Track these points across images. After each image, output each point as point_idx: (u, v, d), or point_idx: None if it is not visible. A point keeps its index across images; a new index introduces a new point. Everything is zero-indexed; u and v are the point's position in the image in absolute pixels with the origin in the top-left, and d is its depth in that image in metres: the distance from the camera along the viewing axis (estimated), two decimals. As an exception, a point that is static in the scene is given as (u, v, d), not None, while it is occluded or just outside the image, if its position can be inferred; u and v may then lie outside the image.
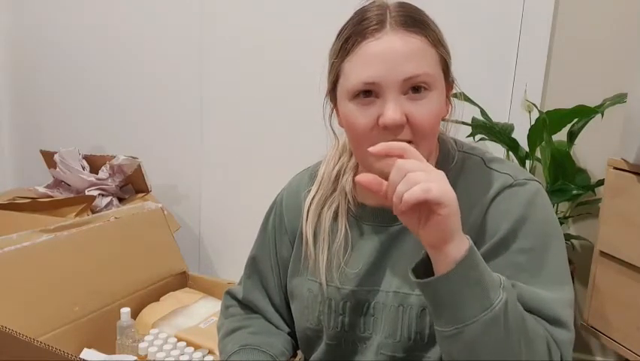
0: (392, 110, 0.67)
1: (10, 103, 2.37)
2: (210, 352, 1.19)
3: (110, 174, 1.89)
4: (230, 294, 0.96)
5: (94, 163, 1.95)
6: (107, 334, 1.20)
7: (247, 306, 0.92)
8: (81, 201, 1.74)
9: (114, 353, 1.18)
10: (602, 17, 1.60)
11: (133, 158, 1.90)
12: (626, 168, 1.27)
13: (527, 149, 1.52)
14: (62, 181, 1.94)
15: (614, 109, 1.42)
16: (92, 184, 1.87)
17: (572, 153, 1.54)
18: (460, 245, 0.60)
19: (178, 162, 2.10)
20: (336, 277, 0.80)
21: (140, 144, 2.08)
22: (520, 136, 1.52)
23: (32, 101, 2.33)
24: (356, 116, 0.70)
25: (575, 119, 1.48)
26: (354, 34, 0.70)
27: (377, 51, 0.67)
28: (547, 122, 1.40)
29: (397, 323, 0.75)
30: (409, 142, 0.68)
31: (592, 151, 1.63)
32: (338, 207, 0.82)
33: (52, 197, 1.82)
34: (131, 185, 1.97)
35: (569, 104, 1.43)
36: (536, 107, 1.53)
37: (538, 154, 1.54)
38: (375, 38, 0.68)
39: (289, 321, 0.90)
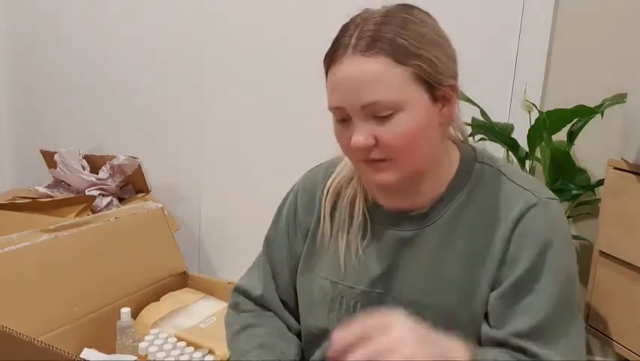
0: (356, 135, 0.69)
1: (10, 103, 2.37)
2: (210, 352, 1.20)
3: (110, 174, 1.90)
4: (241, 291, 0.94)
5: (94, 163, 1.95)
6: (107, 334, 1.20)
7: (261, 304, 0.91)
8: (81, 201, 1.75)
9: (114, 353, 1.18)
10: (602, 17, 1.60)
11: (133, 158, 1.90)
12: (626, 168, 1.27)
13: (527, 149, 1.51)
14: (62, 181, 1.94)
15: (614, 109, 1.42)
16: (92, 184, 1.87)
17: (571, 153, 1.54)
18: None
19: (178, 162, 2.10)
20: (354, 260, 0.80)
21: (140, 144, 2.08)
22: (520, 136, 1.52)
23: (32, 101, 2.33)
24: (338, 134, 0.73)
25: (575, 119, 1.48)
26: (327, 56, 0.71)
27: (339, 78, 0.69)
28: (547, 122, 1.39)
29: None
30: (384, 160, 0.70)
31: (592, 151, 1.63)
32: (356, 194, 0.82)
33: (52, 197, 1.82)
34: (131, 185, 1.97)
35: (569, 104, 1.43)
36: (536, 107, 1.53)
37: (538, 154, 1.54)
38: (339, 63, 0.69)
39: (298, 316, 0.90)
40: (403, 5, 0.71)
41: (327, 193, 0.84)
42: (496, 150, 1.62)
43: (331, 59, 0.70)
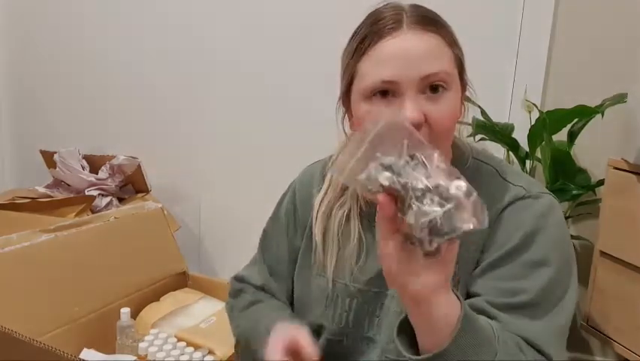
0: (410, 110, 0.65)
1: (10, 103, 2.37)
2: (210, 352, 1.20)
3: (110, 174, 1.89)
4: (241, 279, 0.93)
5: (94, 163, 1.95)
6: (107, 334, 1.20)
7: (262, 291, 0.90)
8: (81, 201, 1.75)
9: (114, 353, 1.18)
10: (602, 17, 1.60)
11: (133, 158, 1.90)
12: (626, 168, 1.27)
13: (527, 149, 1.52)
14: (62, 181, 1.94)
15: (614, 109, 1.42)
16: (92, 184, 1.87)
17: (572, 153, 1.54)
18: (451, 302, 0.56)
19: (178, 162, 2.10)
20: (347, 274, 0.79)
21: (140, 144, 2.08)
22: (521, 136, 1.52)
23: (32, 101, 2.33)
24: (373, 117, 0.68)
25: (575, 119, 1.48)
26: (370, 33, 0.69)
27: (395, 50, 0.67)
28: (547, 122, 1.39)
29: None
30: None
31: (592, 151, 1.63)
32: (350, 209, 0.80)
33: (52, 197, 1.82)
34: (131, 185, 1.97)
35: (569, 104, 1.43)
36: (536, 107, 1.53)
37: (538, 154, 1.54)
38: (393, 37, 0.67)
39: None
40: None
41: (317, 218, 0.82)
42: (496, 150, 1.62)
43: (379, 34, 0.68)
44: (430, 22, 0.69)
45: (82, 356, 1.13)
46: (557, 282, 0.69)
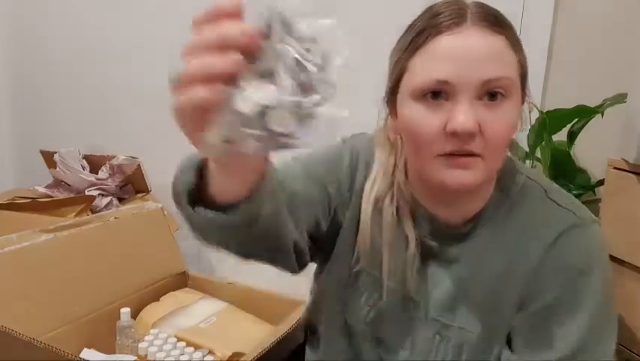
0: (464, 115, 0.58)
1: (10, 103, 2.37)
2: (210, 352, 1.19)
3: (110, 174, 1.89)
4: None
5: (94, 163, 1.95)
6: (107, 334, 1.20)
7: None
8: (81, 201, 1.75)
9: (114, 353, 1.18)
10: (602, 17, 1.60)
11: (133, 158, 1.90)
12: (626, 168, 1.27)
13: (527, 149, 1.51)
14: (62, 181, 1.94)
15: (614, 109, 1.42)
16: (92, 184, 1.87)
17: (572, 153, 1.54)
18: None
19: (178, 162, 2.10)
20: (398, 279, 0.72)
21: (140, 144, 2.08)
22: (521, 136, 1.52)
23: (32, 101, 2.33)
24: (421, 118, 0.61)
25: (575, 119, 1.48)
26: (428, 27, 0.62)
27: (454, 47, 0.60)
28: (547, 122, 1.39)
29: (431, 351, 0.71)
30: (479, 155, 0.61)
31: (592, 151, 1.62)
32: (400, 211, 0.72)
33: (52, 197, 1.83)
34: (131, 185, 1.97)
35: (569, 104, 1.43)
36: (536, 107, 1.53)
37: (538, 154, 1.54)
38: (454, 33, 0.60)
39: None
40: None
41: (366, 206, 0.72)
42: (496, 150, 1.62)
43: (438, 28, 0.61)
44: (496, 21, 0.62)
45: (82, 356, 1.13)
46: (601, 325, 0.67)
